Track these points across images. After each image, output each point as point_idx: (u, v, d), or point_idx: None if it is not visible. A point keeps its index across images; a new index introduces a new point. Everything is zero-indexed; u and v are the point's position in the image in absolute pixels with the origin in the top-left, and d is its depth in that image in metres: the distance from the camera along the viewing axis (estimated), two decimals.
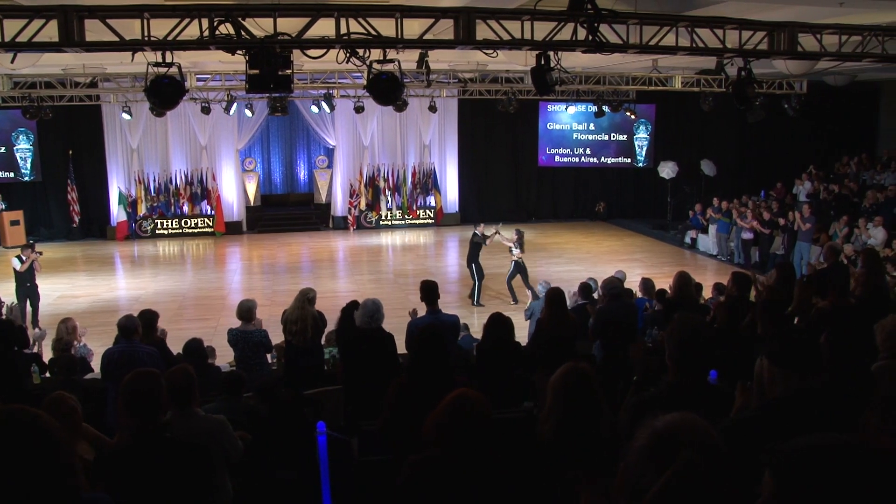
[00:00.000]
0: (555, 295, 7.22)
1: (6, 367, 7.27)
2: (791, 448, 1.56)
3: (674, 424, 1.84)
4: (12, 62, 10.92)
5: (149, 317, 7.43)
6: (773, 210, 18.45)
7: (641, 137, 24.88)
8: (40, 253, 14.01)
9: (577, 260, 19.14)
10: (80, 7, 7.01)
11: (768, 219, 17.72)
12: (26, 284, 13.38)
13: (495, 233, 15.13)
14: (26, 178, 22.66)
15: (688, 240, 21.12)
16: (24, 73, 15.24)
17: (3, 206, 21.90)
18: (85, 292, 16.35)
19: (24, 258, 13.35)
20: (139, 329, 6.89)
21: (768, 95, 18.17)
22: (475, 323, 10.03)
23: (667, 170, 23.10)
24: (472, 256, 14.82)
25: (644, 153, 24.95)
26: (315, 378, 7.30)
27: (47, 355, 9.11)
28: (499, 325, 6.70)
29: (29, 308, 13.22)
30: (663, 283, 10.91)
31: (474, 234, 14.99)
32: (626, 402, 3.56)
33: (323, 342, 8.14)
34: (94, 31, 7.20)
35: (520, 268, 14.51)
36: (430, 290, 7.18)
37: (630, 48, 8.28)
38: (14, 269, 13.36)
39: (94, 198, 23.36)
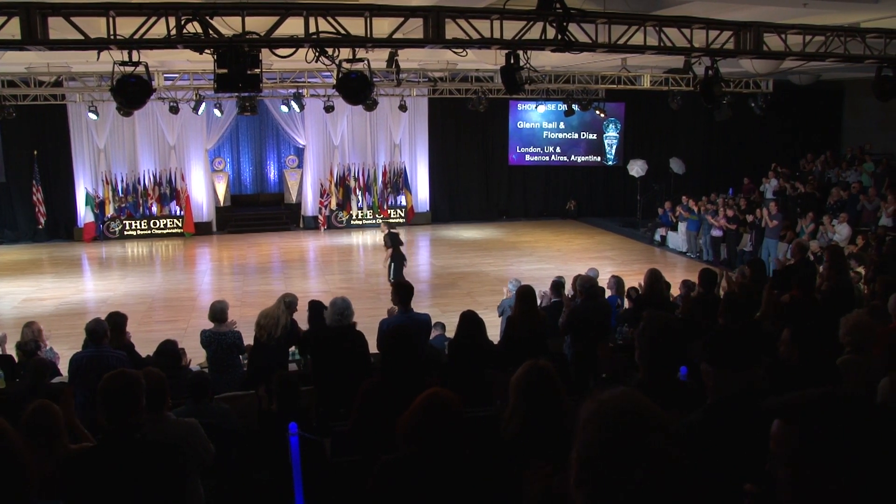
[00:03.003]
0: (525, 293, 7.26)
1: None
2: (808, 400, 1.68)
3: (618, 395, 1.86)
4: None
5: (117, 320, 7.34)
6: (741, 207, 18.67)
7: (611, 136, 25.08)
8: None
9: (548, 258, 19.23)
10: (43, 4, 6.89)
11: (733, 216, 17.95)
12: None
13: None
14: None
15: (657, 237, 21.31)
16: None
17: None
18: (51, 295, 16.10)
19: None
20: (108, 333, 6.80)
21: (735, 94, 18.45)
22: (448, 322, 10.03)
23: (636, 168, 23.28)
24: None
25: (614, 151, 25.15)
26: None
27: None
28: (470, 323, 6.73)
29: None
30: (634, 280, 11.00)
31: (391, 232, 15.86)
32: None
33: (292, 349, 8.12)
34: (59, 28, 7.09)
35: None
36: (403, 290, 7.18)
37: (599, 47, 8.34)
38: None
39: (60, 199, 23.02)
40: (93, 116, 19.84)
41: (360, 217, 24.66)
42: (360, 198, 24.71)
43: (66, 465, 3.41)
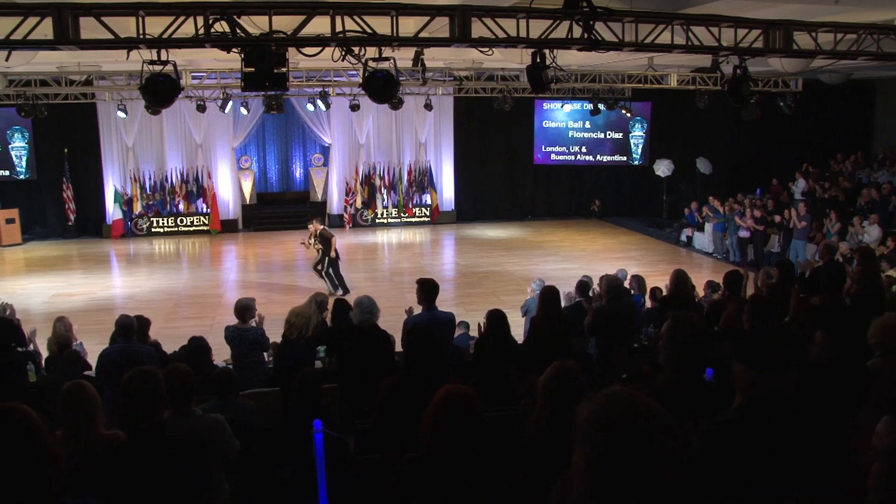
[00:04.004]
0: (548, 293, 7.23)
1: (4, 366, 7.27)
2: None
3: (617, 397, 1.82)
4: (7, 60, 10.92)
5: (141, 323, 7.42)
6: (769, 208, 18.48)
7: (637, 135, 24.91)
8: None
9: (573, 258, 19.16)
10: (74, 5, 6.98)
11: (760, 216, 17.76)
12: None
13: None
14: (21, 177, 22.61)
15: (683, 238, 21.15)
16: (18, 72, 15.21)
17: None
18: (80, 291, 16.31)
19: None
20: (136, 328, 6.89)
21: (763, 93, 18.22)
22: (472, 321, 10.03)
23: (662, 168, 23.11)
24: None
25: (640, 151, 24.98)
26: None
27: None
28: (498, 321, 6.72)
29: None
30: (658, 281, 10.93)
31: (325, 229, 15.85)
32: None
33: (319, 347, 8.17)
34: (89, 28, 7.18)
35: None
36: (429, 289, 7.17)
37: (626, 46, 8.29)
38: None
39: (89, 196, 23.32)
40: (121, 115, 20.07)
41: (385, 216, 24.71)
42: (385, 196, 24.76)
43: (96, 461, 3.45)
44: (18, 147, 22.36)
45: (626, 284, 10.63)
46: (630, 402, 1.78)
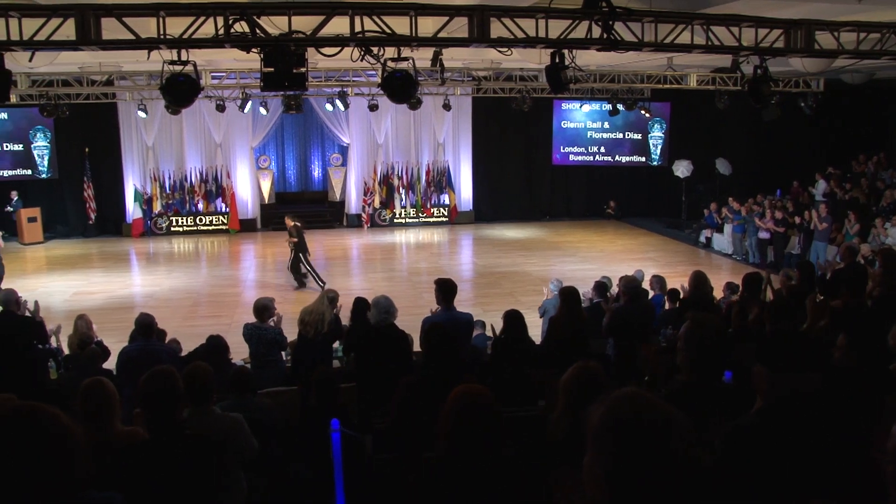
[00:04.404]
0: (569, 293, 7.21)
1: (26, 363, 7.34)
2: None
3: (629, 399, 1.79)
4: (30, 61, 11.02)
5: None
6: (789, 209, 18.33)
7: (656, 136, 24.78)
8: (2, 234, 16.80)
9: (591, 259, 19.10)
10: (96, 6, 7.06)
11: (781, 218, 17.61)
12: None
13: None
14: (43, 176, 22.82)
15: (702, 239, 21.03)
16: (41, 72, 15.35)
17: (21, 204, 22.08)
18: (100, 289, 16.45)
19: None
20: (156, 327, 6.94)
21: (784, 94, 18.09)
22: (489, 321, 10.01)
23: (681, 168, 22.99)
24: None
25: (659, 152, 24.85)
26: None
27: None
28: (516, 321, 6.72)
29: None
30: (677, 282, 10.86)
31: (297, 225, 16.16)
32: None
33: (336, 345, 8.18)
34: (111, 29, 7.25)
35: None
36: (446, 289, 7.17)
37: (645, 46, 8.26)
38: None
39: (109, 195, 23.51)
40: (142, 114, 20.27)
41: (403, 216, 24.74)
42: (403, 196, 24.78)
43: (115, 457, 3.47)
44: (41, 146, 22.58)
45: (646, 285, 10.60)
46: (644, 404, 1.76)
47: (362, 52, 7.74)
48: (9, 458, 2.04)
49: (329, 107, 20.87)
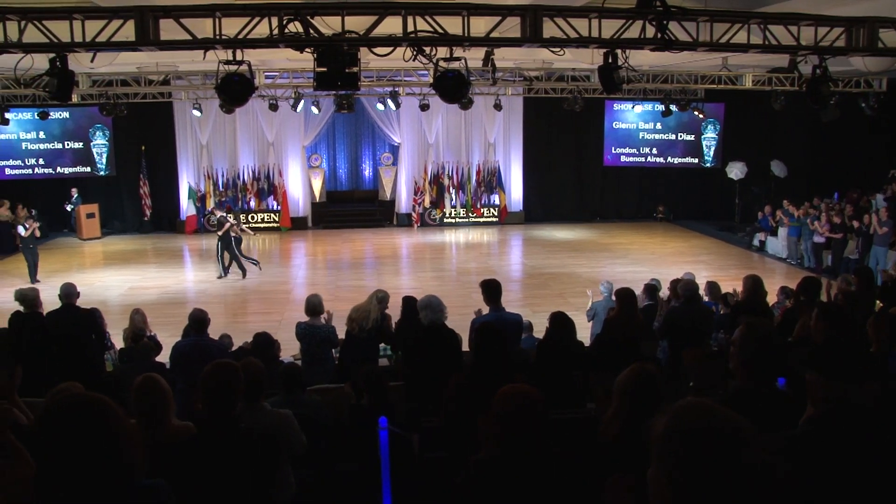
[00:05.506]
0: (626, 295, 7.13)
1: (86, 356, 7.52)
2: None
3: (698, 409, 1.75)
4: (92, 61, 11.30)
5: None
6: (848, 213, 17.87)
7: (709, 137, 24.38)
8: (39, 223, 17.28)
9: (641, 261, 18.89)
10: (155, 7, 7.21)
11: (839, 223, 17.16)
12: (29, 246, 16.56)
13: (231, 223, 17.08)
14: (102, 173, 23.41)
15: (756, 242, 20.63)
16: (101, 72, 15.73)
17: (80, 201, 22.70)
18: (154, 284, 16.79)
19: (27, 226, 16.57)
20: (209, 323, 7.05)
21: (844, 94, 17.62)
22: (539, 323, 9.96)
23: (735, 170, 22.61)
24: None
25: (712, 153, 24.45)
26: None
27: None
28: (560, 324, 6.66)
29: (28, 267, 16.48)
30: (729, 286, 10.69)
31: (223, 217, 17.28)
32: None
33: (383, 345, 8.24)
34: (168, 30, 7.39)
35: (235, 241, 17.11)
36: (491, 289, 7.16)
37: (700, 46, 8.13)
38: (19, 235, 16.76)
39: (164, 192, 23.99)
40: (197, 113, 20.68)
41: (453, 215, 24.77)
42: (453, 196, 24.81)
43: (170, 451, 3.54)
44: (100, 144, 23.16)
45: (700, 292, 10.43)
46: (712, 414, 1.71)
47: (414, 52, 7.77)
48: (71, 443, 2.14)
49: (380, 106, 20.98)
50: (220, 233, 16.87)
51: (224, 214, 17.66)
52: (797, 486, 2.52)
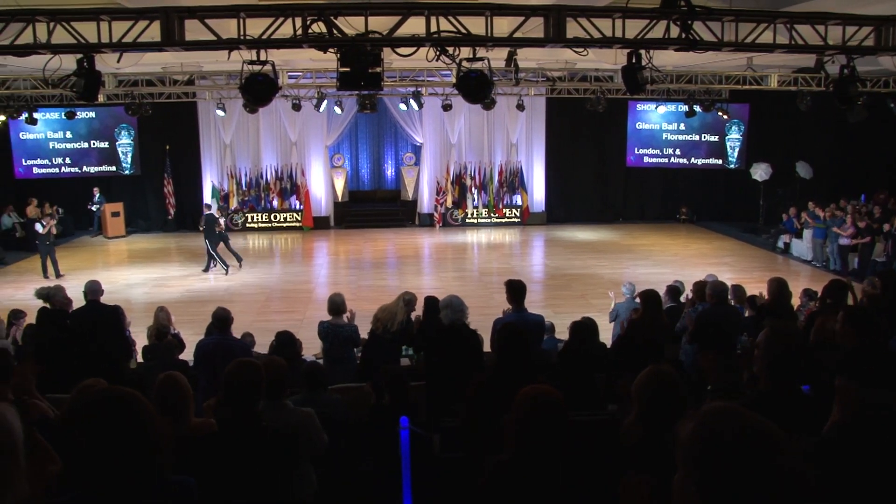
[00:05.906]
0: (650, 296, 7.09)
1: (110, 352, 7.59)
2: None
3: (726, 414, 1.72)
4: (118, 62, 11.41)
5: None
6: (875, 215, 17.64)
7: (734, 138, 24.17)
8: (56, 220, 17.99)
9: (664, 262, 18.77)
10: (180, 8, 7.27)
11: (864, 226, 16.93)
12: (46, 243, 16.96)
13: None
14: (126, 172, 23.63)
15: (780, 244, 20.43)
16: (127, 72, 15.90)
17: (103, 200, 22.96)
18: (178, 282, 16.93)
19: (44, 223, 17.02)
20: (232, 321, 7.10)
21: (872, 94, 17.39)
22: (560, 324, 9.93)
23: (760, 171, 22.40)
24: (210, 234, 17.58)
25: (736, 154, 24.23)
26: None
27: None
28: (583, 330, 6.64)
29: (50, 263, 17.04)
30: (754, 288, 10.58)
31: (211, 214, 17.93)
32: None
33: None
34: (193, 31, 7.45)
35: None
36: (516, 289, 7.14)
37: (725, 46, 8.06)
38: (37, 232, 17.00)
39: (188, 191, 24.15)
40: (220, 113, 20.83)
41: (475, 216, 24.75)
42: (475, 196, 24.79)
43: (191, 447, 3.57)
44: (125, 144, 23.39)
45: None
46: (741, 418, 1.68)
47: (437, 52, 7.77)
48: (102, 437, 2.17)
49: (403, 106, 21.01)
50: (202, 227, 17.64)
51: (211, 213, 18.30)
52: (826, 493, 2.49)
